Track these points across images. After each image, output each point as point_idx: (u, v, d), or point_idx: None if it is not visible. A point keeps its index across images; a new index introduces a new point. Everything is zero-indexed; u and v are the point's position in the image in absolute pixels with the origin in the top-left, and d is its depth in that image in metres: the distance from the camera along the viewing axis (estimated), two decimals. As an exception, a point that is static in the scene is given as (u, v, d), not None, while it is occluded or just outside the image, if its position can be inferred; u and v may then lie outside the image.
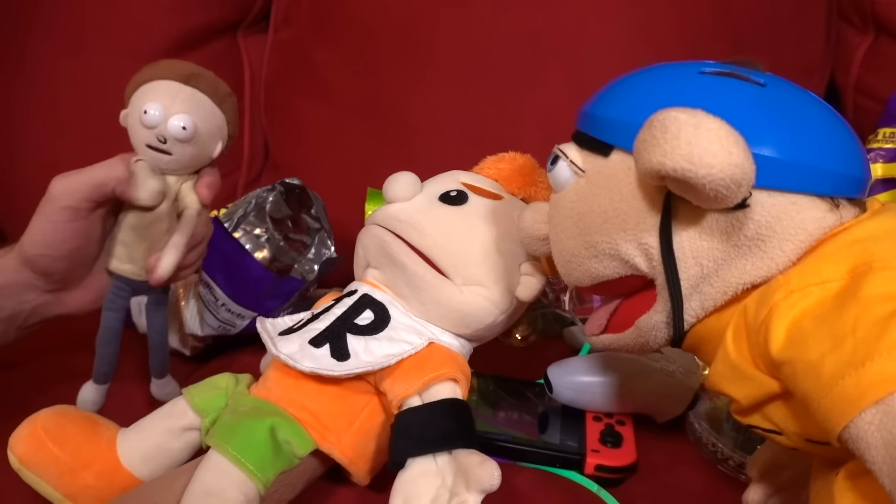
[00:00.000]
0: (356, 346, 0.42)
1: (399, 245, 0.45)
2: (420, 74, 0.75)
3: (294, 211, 0.66)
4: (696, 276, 0.33)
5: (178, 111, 0.43)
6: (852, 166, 0.33)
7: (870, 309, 0.26)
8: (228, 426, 0.39)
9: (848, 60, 0.79)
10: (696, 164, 0.28)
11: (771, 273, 0.32)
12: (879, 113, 0.71)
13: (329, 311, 0.45)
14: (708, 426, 0.51)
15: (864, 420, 0.25)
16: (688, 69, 0.35)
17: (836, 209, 0.32)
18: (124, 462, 0.40)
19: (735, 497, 0.45)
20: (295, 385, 0.42)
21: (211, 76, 0.46)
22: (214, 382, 0.43)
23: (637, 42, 0.73)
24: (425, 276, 0.44)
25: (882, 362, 0.25)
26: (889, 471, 0.24)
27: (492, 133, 0.74)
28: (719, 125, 0.28)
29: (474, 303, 0.44)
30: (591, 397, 0.52)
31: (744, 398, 0.32)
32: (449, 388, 0.41)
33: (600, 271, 0.37)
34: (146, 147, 0.44)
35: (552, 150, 0.39)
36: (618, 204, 0.35)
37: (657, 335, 0.36)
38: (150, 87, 0.44)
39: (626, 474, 0.48)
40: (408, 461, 0.38)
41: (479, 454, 0.37)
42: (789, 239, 0.32)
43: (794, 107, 0.33)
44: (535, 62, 0.74)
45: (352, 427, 0.42)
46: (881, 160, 0.67)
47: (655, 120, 0.29)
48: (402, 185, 0.47)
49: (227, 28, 0.81)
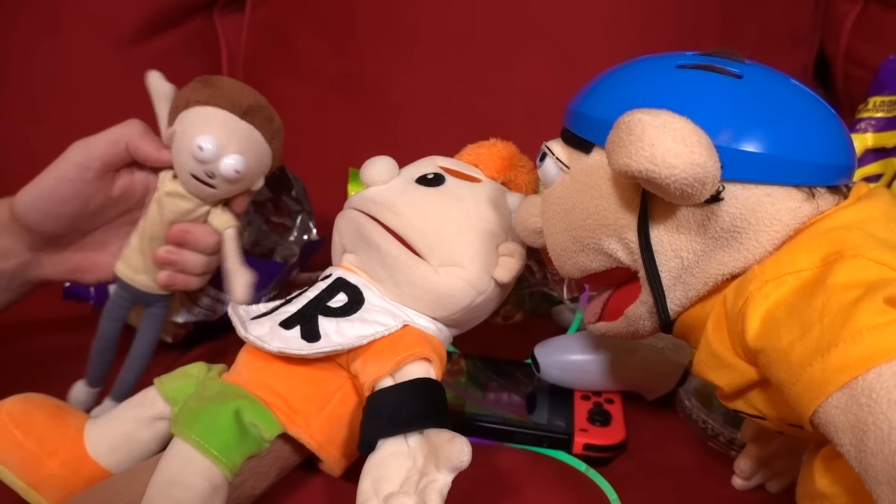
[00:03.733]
0: (328, 328, 0.41)
1: (374, 226, 0.44)
2: (402, 51, 0.74)
3: (274, 194, 0.65)
4: (676, 267, 0.34)
5: (233, 151, 0.43)
6: (830, 155, 0.33)
7: (836, 296, 0.27)
8: (192, 411, 0.37)
9: (837, 29, 0.78)
10: (658, 164, 0.29)
11: (749, 263, 0.33)
12: (870, 81, 0.70)
13: (302, 295, 0.44)
14: (697, 402, 0.50)
15: (830, 405, 0.26)
16: (665, 64, 0.36)
17: (813, 198, 0.33)
18: (91, 451, 0.39)
19: (725, 473, 0.45)
20: (264, 367, 0.41)
21: (267, 109, 0.45)
22: (186, 371, 0.42)
23: (621, 15, 0.71)
24: (399, 257, 0.43)
25: (846, 348, 0.26)
26: (856, 453, 0.25)
27: (475, 111, 0.73)
28: (683, 125, 0.29)
29: (450, 283, 0.43)
30: (578, 376, 0.51)
31: (726, 385, 0.33)
32: (422, 367, 0.40)
33: (588, 264, 0.38)
34: (190, 177, 0.44)
35: (541, 147, 0.40)
36: (598, 201, 0.36)
37: (645, 323, 0.37)
38: (206, 116, 0.43)
39: (615, 453, 0.48)
40: (378, 442, 0.37)
41: (449, 432, 0.36)
42: (764, 230, 0.32)
43: (771, 98, 0.33)
44: (518, 38, 0.72)
45: (322, 411, 0.41)
46: (871, 129, 0.67)
47: (622, 122, 0.30)
48: (379, 168, 0.46)
49: (202, 6, 0.79)
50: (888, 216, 0.32)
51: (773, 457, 0.43)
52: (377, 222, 0.44)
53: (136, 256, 0.47)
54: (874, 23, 0.75)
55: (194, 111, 0.43)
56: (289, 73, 0.78)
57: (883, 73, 0.68)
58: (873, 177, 0.66)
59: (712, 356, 0.33)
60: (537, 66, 0.72)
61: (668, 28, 0.72)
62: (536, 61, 0.72)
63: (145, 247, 0.46)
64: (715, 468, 0.47)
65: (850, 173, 0.34)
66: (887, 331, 0.25)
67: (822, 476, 0.29)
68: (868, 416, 0.24)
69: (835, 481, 0.29)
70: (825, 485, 0.29)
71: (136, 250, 0.47)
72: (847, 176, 0.34)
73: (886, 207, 0.32)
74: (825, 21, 0.78)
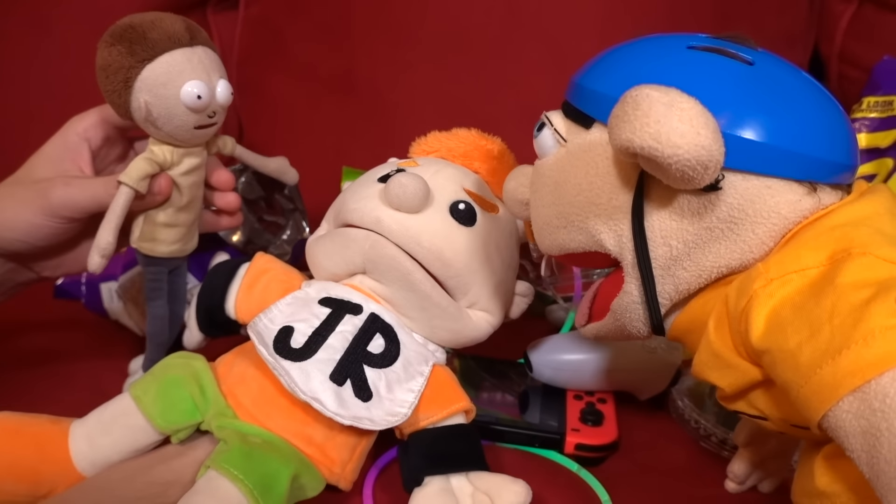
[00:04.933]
0: (377, 383, 0.40)
1: (422, 275, 0.43)
2: (396, 50, 0.74)
3: (267, 191, 0.65)
4: (664, 256, 0.33)
5: (217, 78, 0.42)
6: (834, 152, 0.32)
7: (846, 296, 0.26)
8: (247, 460, 0.35)
9: (832, 29, 0.77)
10: (662, 143, 0.28)
11: (745, 257, 0.32)
12: (864, 82, 0.70)
13: (336, 332, 0.41)
14: (690, 402, 0.50)
15: (841, 409, 0.25)
16: (676, 43, 0.34)
17: (815, 193, 0.32)
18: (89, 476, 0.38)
19: (718, 473, 0.45)
20: (302, 418, 0.39)
21: (191, 23, 0.42)
22: (172, 394, 0.39)
23: (616, 14, 0.71)
24: (448, 309, 0.44)
25: (858, 350, 0.25)
26: (867, 459, 0.24)
27: (469, 109, 0.72)
28: (691, 105, 0.28)
29: (480, 327, 0.46)
30: (571, 375, 0.51)
31: (728, 386, 0.32)
32: (460, 418, 0.43)
33: (567, 243, 0.37)
34: (194, 129, 0.42)
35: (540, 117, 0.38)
36: (593, 178, 0.34)
37: (632, 318, 0.36)
38: (171, 66, 0.39)
39: (607, 453, 0.48)
40: (425, 479, 0.40)
41: (504, 475, 0.40)
42: (762, 222, 0.31)
43: (780, 88, 0.32)
44: (512, 36, 0.72)
45: (354, 454, 0.41)
46: (865, 130, 0.66)
47: (629, 96, 0.29)
48: (419, 198, 0.42)
49: (196, 4, 0.79)
50: (892, 212, 0.31)
51: (765, 459, 0.43)
52: (422, 267, 0.43)
53: (167, 231, 0.45)
54: (868, 23, 0.75)
55: (152, 70, 0.39)
56: (282, 70, 0.77)
57: (877, 74, 0.68)
58: (867, 177, 0.66)
59: (714, 356, 0.32)
60: (532, 65, 0.72)
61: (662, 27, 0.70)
62: (531, 60, 0.72)
63: (171, 218, 0.45)
64: (707, 468, 0.46)
65: (853, 172, 0.34)
66: None
67: (823, 474, 0.29)
68: (882, 421, 0.24)
69: (835, 479, 0.29)
70: (825, 483, 0.29)
71: (162, 225, 0.45)
72: (850, 174, 0.33)
73: (889, 203, 0.32)
74: (820, 21, 0.78)
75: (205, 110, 0.41)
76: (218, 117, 0.43)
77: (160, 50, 0.39)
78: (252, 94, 0.80)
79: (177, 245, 0.46)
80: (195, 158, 0.44)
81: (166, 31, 0.39)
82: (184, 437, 0.39)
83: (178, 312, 0.50)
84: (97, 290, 0.59)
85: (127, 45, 0.39)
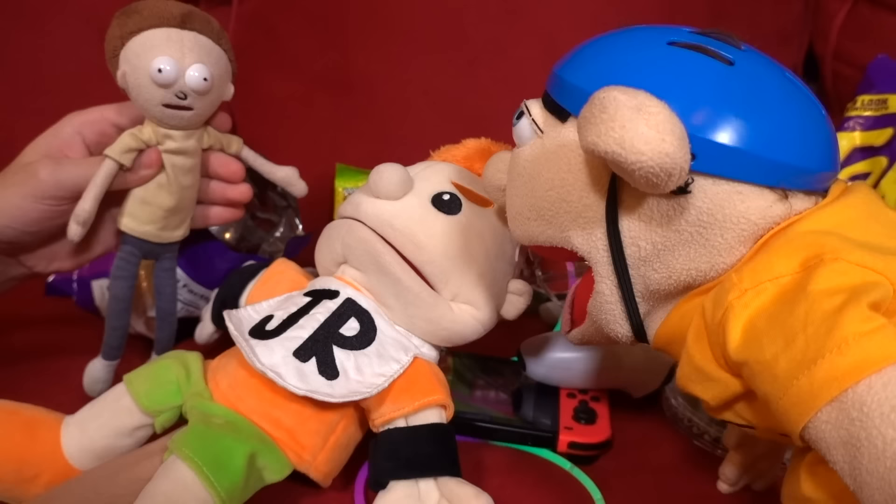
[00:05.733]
0: (345, 363, 0.40)
1: (393, 257, 0.42)
2: (390, 45, 0.73)
3: (260, 188, 0.64)
4: (633, 256, 0.33)
5: (192, 62, 0.42)
6: (809, 158, 0.31)
7: (818, 303, 0.26)
8: (200, 438, 0.36)
9: (826, 27, 0.77)
10: (626, 148, 0.27)
11: (715, 262, 0.32)
12: (858, 80, 0.70)
13: (309, 315, 0.42)
14: (684, 401, 0.50)
15: (820, 420, 0.25)
16: (658, 37, 0.34)
17: (786, 199, 0.31)
18: (76, 465, 0.38)
19: (711, 472, 0.45)
20: (271, 399, 0.39)
21: (200, 12, 0.43)
22: (160, 376, 0.40)
23: (610, 10, 0.71)
24: (420, 294, 0.42)
25: (832, 359, 0.25)
26: (850, 470, 0.24)
27: (464, 106, 0.72)
28: (659, 110, 0.27)
29: (463, 321, 0.44)
30: (564, 373, 0.51)
31: (711, 399, 0.32)
32: (435, 413, 0.41)
33: (537, 235, 0.36)
34: (163, 107, 0.42)
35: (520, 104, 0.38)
36: (565, 174, 0.34)
37: (609, 319, 0.35)
38: (148, 40, 0.41)
39: (600, 451, 0.48)
40: (391, 482, 0.39)
41: (472, 486, 0.39)
42: (731, 228, 0.31)
43: (758, 90, 0.32)
44: (507, 32, 0.72)
45: (327, 443, 0.40)
46: (860, 128, 0.66)
47: (596, 97, 0.28)
48: (394, 182, 0.43)
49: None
50: (867, 214, 0.31)
51: (757, 459, 0.43)
52: (395, 250, 0.42)
53: (141, 208, 0.45)
54: (863, 21, 0.75)
55: (134, 42, 0.41)
56: (276, 67, 0.77)
57: (871, 72, 0.68)
58: (861, 175, 0.66)
59: (695, 370, 0.31)
60: (527, 61, 0.72)
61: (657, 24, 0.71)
62: (526, 57, 0.72)
63: (149, 194, 0.45)
64: (701, 467, 0.46)
65: (832, 176, 0.33)
66: (875, 339, 0.24)
67: (807, 480, 0.29)
68: (860, 431, 0.23)
69: (819, 486, 0.28)
70: (809, 489, 0.29)
71: (139, 201, 0.45)
72: (826, 180, 0.33)
73: (863, 206, 0.31)
74: (814, 19, 0.78)
75: (170, 87, 0.41)
76: (191, 101, 0.43)
77: (146, 26, 0.42)
78: (245, 90, 0.79)
79: (150, 227, 0.46)
80: (176, 142, 0.44)
81: (157, 11, 0.42)
82: (166, 421, 0.40)
83: (168, 309, 0.50)
84: (88, 287, 0.59)
85: (123, 18, 0.42)
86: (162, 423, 0.40)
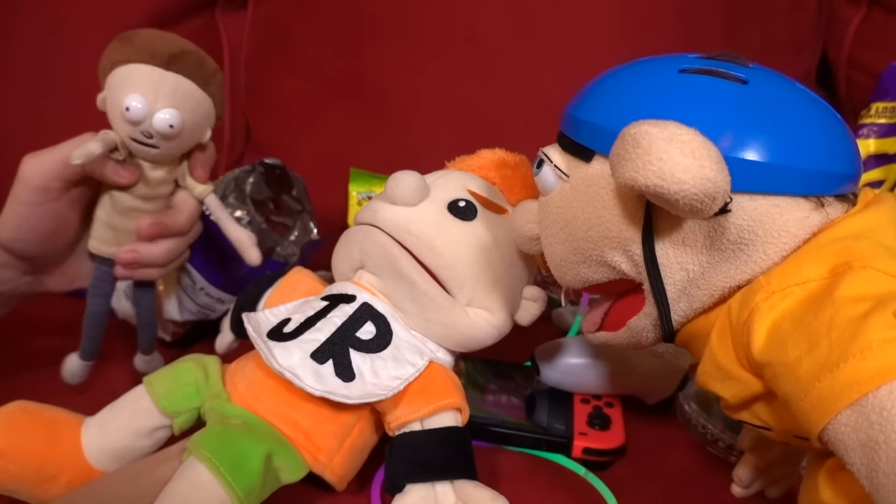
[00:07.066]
0: (361, 366, 0.40)
1: (409, 261, 0.42)
2: (404, 51, 0.74)
3: (275, 192, 0.65)
4: (682, 280, 0.33)
5: (163, 106, 0.41)
6: (837, 163, 0.32)
7: (844, 309, 0.26)
8: (218, 439, 0.36)
9: (840, 34, 0.77)
10: (667, 179, 0.28)
11: (756, 275, 0.32)
12: (872, 87, 0.70)
13: (326, 318, 0.42)
14: (697, 407, 0.50)
15: (840, 422, 0.25)
16: (667, 67, 0.34)
17: (822, 207, 0.32)
18: (95, 465, 0.39)
19: (725, 478, 0.45)
20: (288, 401, 0.39)
21: (194, 54, 0.43)
22: (179, 377, 0.41)
23: (625, 16, 0.71)
24: (436, 298, 0.42)
25: (856, 364, 0.25)
26: (867, 472, 0.24)
27: (477, 112, 0.73)
28: (691, 137, 0.28)
29: (479, 327, 0.44)
30: (578, 379, 0.51)
31: (731, 397, 0.32)
32: (451, 416, 0.41)
33: (590, 276, 0.37)
34: (130, 140, 0.42)
35: (537, 154, 0.38)
36: (600, 212, 0.35)
37: (647, 335, 0.36)
38: (128, 75, 0.41)
39: (614, 457, 0.48)
40: (407, 485, 0.39)
41: (488, 489, 0.39)
42: (772, 242, 0.31)
43: (777, 104, 0.32)
44: (520, 39, 0.72)
45: (343, 446, 0.40)
46: (874, 135, 0.66)
47: (627, 134, 0.29)
48: (411, 189, 0.43)
49: (204, 4, 0.79)
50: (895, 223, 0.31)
51: (771, 464, 0.43)
52: (411, 255, 0.42)
53: (105, 229, 0.46)
54: (877, 28, 0.75)
55: (118, 72, 0.42)
56: (291, 71, 0.78)
57: (885, 80, 0.68)
58: (875, 182, 0.66)
59: (717, 368, 0.32)
60: (540, 67, 0.72)
61: (671, 31, 0.71)
62: (539, 62, 0.72)
63: (111, 218, 0.45)
64: (714, 473, 0.46)
65: (857, 180, 0.34)
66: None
67: (826, 488, 0.29)
68: (879, 434, 0.24)
69: (838, 493, 0.29)
70: (829, 497, 0.29)
71: (103, 223, 0.45)
72: (854, 183, 0.33)
73: (894, 214, 0.32)
74: (828, 26, 0.78)
75: (136, 125, 0.42)
76: (157, 142, 0.42)
77: (133, 59, 0.42)
78: (260, 95, 0.80)
79: (116, 248, 0.46)
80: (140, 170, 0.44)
81: (148, 46, 0.42)
82: (185, 422, 0.40)
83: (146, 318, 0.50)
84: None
85: (118, 45, 0.43)
86: (180, 424, 0.40)
